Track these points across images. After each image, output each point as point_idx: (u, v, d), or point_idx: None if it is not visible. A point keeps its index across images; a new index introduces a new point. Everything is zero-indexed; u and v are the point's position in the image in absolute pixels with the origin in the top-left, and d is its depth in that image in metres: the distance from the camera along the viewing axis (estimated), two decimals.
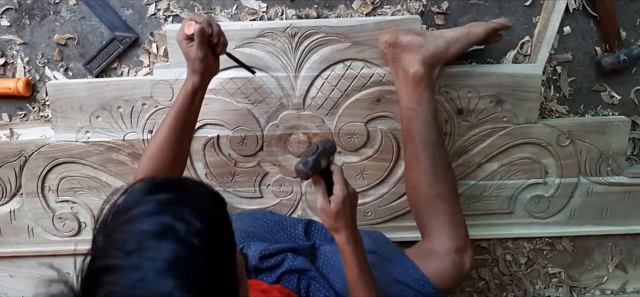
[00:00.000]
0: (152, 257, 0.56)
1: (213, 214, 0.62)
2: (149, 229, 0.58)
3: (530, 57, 1.25)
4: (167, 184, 0.63)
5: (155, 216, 0.59)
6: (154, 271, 0.55)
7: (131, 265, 0.56)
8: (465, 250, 1.10)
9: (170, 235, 0.57)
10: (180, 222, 0.58)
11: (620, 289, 1.43)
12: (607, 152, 1.26)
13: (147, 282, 0.55)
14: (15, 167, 1.26)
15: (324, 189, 0.93)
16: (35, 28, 1.24)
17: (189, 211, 0.60)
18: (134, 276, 0.55)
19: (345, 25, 1.17)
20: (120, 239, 0.58)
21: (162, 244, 0.57)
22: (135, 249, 0.57)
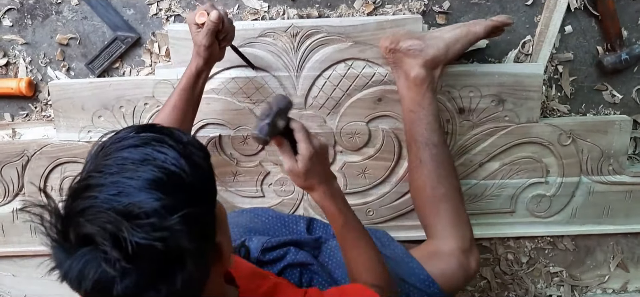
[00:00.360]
0: (131, 177, 0.58)
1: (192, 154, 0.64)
2: (131, 157, 0.60)
3: (532, 56, 1.25)
4: (153, 126, 0.66)
5: (138, 148, 0.61)
6: (132, 187, 0.58)
7: (110, 182, 0.58)
8: (471, 251, 1.10)
9: (150, 163, 0.60)
10: (160, 154, 0.61)
11: (622, 288, 1.43)
12: (608, 151, 1.26)
13: (124, 195, 0.57)
14: (18, 167, 1.26)
15: (289, 149, 0.90)
16: (38, 28, 1.25)
17: (171, 148, 0.62)
18: (112, 190, 0.57)
19: (346, 25, 1.17)
20: (103, 164, 0.61)
21: (142, 168, 0.59)
22: (116, 171, 0.59)
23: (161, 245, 0.55)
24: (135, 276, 0.56)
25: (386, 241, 1.11)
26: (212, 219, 0.67)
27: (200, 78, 1.05)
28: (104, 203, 0.57)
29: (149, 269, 0.56)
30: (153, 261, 0.56)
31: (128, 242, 0.54)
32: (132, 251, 0.54)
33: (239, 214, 1.23)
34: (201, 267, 0.62)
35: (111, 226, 0.54)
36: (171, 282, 0.58)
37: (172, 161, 0.61)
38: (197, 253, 0.60)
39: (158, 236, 0.55)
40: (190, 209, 0.59)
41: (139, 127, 0.66)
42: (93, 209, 0.56)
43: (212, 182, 0.68)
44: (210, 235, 0.66)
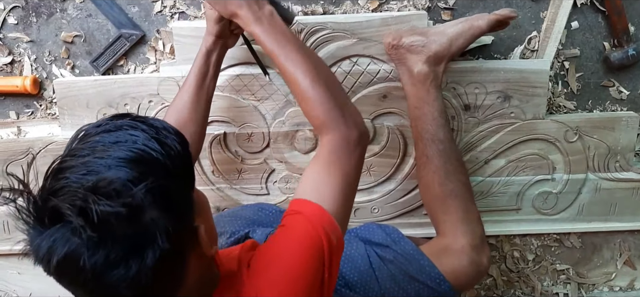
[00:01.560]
0: (102, 157, 0.60)
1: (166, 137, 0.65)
2: (103, 140, 0.62)
3: (538, 52, 1.24)
4: (128, 114, 0.67)
5: (111, 132, 0.63)
6: (103, 166, 0.59)
7: (81, 163, 0.60)
8: (482, 247, 1.09)
9: (122, 145, 0.61)
10: (132, 136, 0.62)
11: (629, 285, 1.42)
12: (615, 148, 1.26)
13: (94, 174, 0.58)
14: (23, 164, 1.27)
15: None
16: (42, 26, 1.25)
17: (144, 133, 0.63)
18: (83, 170, 0.59)
19: (351, 22, 1.16)
20: (76, 148, 0.63)
21: (113, 148, 0.61)
22: (87, 154, 0.61)
23: (125, 211, 0.56)
24: (103, 249, 0.56)
25: (396, 238, 1.11)
26: (188, 200, 0.67)
27: (210, 58, 1.04)
28: (74, 183, 0.58)
29: (117, 242, 0.57)
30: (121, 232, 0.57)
31: (93, 211, 0.55)
32: (98, 219, 0.55)
33: (242, 208, 1.23)
34: (175, 247, 0.62)
35: (80, 201, 0.55)
36: (142, 258, 0.58)
37: (143, 142, 0.62)
38: (168, 230, 0.60)
39: (122, 202, 0.56)
40: (158, 182, 0.60)
41: (116, 115, 0.67)
42: (64, 188, 0.58)
43: (188, 166, 0.68)
44: (185, 216, 0.66)
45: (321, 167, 0.82)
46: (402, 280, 1.03)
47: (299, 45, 0.89)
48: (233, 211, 1.22)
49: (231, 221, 1.14)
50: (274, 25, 0.89)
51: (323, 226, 0.75)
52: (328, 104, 0.84)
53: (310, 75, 0.85)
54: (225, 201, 1.30)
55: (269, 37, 0.87)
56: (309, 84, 0.85)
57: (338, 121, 0.84)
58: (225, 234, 1.12)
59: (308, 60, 0.87)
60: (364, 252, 1.07)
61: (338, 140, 0.84)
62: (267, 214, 1.18)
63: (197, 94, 1.04)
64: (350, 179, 0.83)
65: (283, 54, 0.86)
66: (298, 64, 0.86)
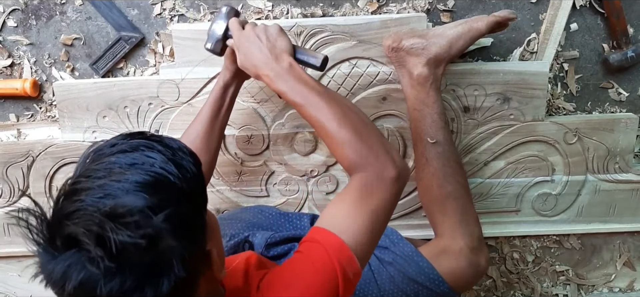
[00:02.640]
0: (119, 180, 0.59)
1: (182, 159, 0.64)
2: (118, 161, 0.61)
3: (537, 54, 1.24)
4: (143, 133, 0.67)
5: (126, 153, 0.62)
6: (120, 189, 0.58)
7: (97, 185, 0.58)
8: (480, 249, 1.09)
9: (138, 167, 0.60)
10: (149, 158, 0.62)
11: (628, 287, 1.42)
12: (614, 149, 1.26)
13: (111, 198, 0.57)
14: (23, 167, 1.27)
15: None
16: (42, 29, 1.25)
17: (159, 153, 0.63)
18: (99, 193, 0.58)
19: (350, 24, 1.16)
20: (91, 168, 0.61)
21: (129, 171, 0.60)
22: (103, 175, 0.60)
23: (145, 242, 0.55)
24: (120, 277, 0.55)
25: (395, 239, 1.11)
26: (202, 225, 0.66)
27: (227, 92, 1.04)
28: (90, 206, 0.56)
29: (134, 270, 0.56)
30: (138, 261, 0.56)
31: (112, 240, 0.53)
32: (116, 249, 0.53)
33: (242, 211, 1.23)
34: (189, 273, 0.61)
35: (96, 227, 0.54)
36: (157, 285, 0.57)
37: (160, 165, 0.61)
38: (184, 256, 0.59)
39: (141, 233, 0.55)
40: (176, 209, 0.59)
41: (130, 134, 0.66)
42: (79, 212, 0.56)
43: (202, 188, 0.67)
44: (199, 241, 0.65)
45: (349, 200, 0.79)
46: (401, 282, 1.03)
47: (323, 90, 0.87)
48: (232, 214, 1.22)
49: (231, 224, 1.14)
50: (294, 77, 0.87)
51: (340, 260, 0.73)
52: (357, 144, 0.82)
53: (336, 118, 0.83)
54: (225, 203, 1.30)
55: (292, 90, 0.86)
56: (335, 126, 0.83)
57: (369, 159, 0.82)
58: (224, 237, 1.12)
59: (333, 104, 0.85)
60: None
61: (370, 177, 0.81)
62: (266, 216, 1.18)
63: (211, 126, 1.05)
64: (380, 217, 0.80)
65: (307, 103, 0.85)
66: (323, 110, 0.84)
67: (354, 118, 0.85)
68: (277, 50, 0.89)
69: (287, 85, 0.86)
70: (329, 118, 0.83)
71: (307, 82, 0.87)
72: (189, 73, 1.19)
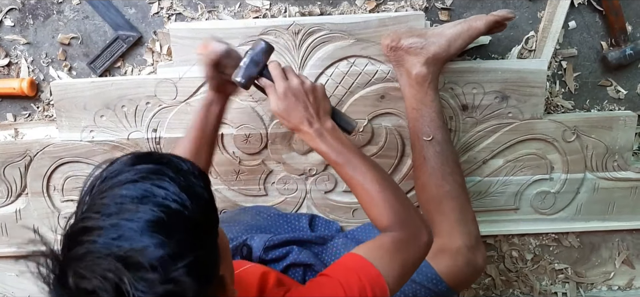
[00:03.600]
0: (131, 219, 0.56)
1: (193, 186, 0.62)
2: (129, 194, 0.58)
3: (535, 52, 1.24)
4: (150, 156, 0.64)
5: (136, 183, 0.59)
6: (132, 230, 0.56)
7: (109, 225, 0.56)
8: (477, 247, 1.09)
9: (150, 200, 0.58)
10: (160, 189, 0.59)
11: (627, 285, 1.42)
12: (613, 147, 1.26)
13: (125, 240, 0.55)
14: (21, 167, 1.27)
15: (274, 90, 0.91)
16: (39, 28, 1.24)
17: (169, 180, 0.60)
18: (112, 234, 0.56)
19: (348, 22, 1.16)
20: (101, 203, 0.59)
21: (141, 207, 0.57)
22: (114, 211, 0.57)
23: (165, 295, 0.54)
24: None
25: None
26: (216, 255, 0.65)
27: (209, 110, 1.03)
28: (103, 248, 0.55)
29: None
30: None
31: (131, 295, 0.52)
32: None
33: (240, 212, 1.23)
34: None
35: (112, 274, 0.52)
36: None
37: (173, 197, 0.59)
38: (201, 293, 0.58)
39: (162, 290, 0.54)
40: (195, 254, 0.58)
41: (136, 157, 0.63)
42: (92, 255, 0.54)
43: (214, 212, 0.66)
44: (215, 272, 0.64)
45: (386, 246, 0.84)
46: None
47: (363, 155, 0.92)
48: (231, 216, 1.22)
49: (229, 227, 1.14)
50: (336, 138, 0.91)
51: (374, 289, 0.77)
52: (398, 207, 0.87)
53: (377, 180, 0.88)
54: (223, 202, 1.30)
55: (335, 151, 0.90)
56: (377, 189, 0.87)
57: (408, 222, 0.87)
58: None
59: (374, 169, 0.90)
60: None
61: (407, 236, 0.86)
62: (265, 218, 1.18)
63: (198, 145, 1.04)
64: (408, 270, 0.85)
65: (349, 165, 0.89)
66: (365, 173, 0.88)
67: (392, 183, 0.91)
68: (321, 111, 0.92)
69: (329, 146, 0.90)
70: (371, 181, 0.88)
71: (348, 145, 0.91)
72: (186, 72, 1.19)
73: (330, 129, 0.91)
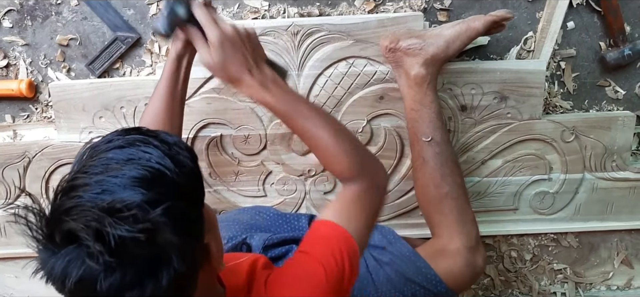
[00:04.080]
0: (116, 175, 0.59)
1: (178, 154, 0.64)
2: (115, 157, 0.61)
3: (534, 53, 1.24)
4: (140, 129, 0.67)
5: (123, 148, 0.62)
6: (117, 185, 0.58)
7: (94, 181, 0.59)
8: (477, 248, 1.09)
9: (135, 162, 0.61)
10: (145, 154, 0.62)
11: (626, 284, 1.42)
12: (612, 147, 1.26)
13: (108, 193, 0.57)
14: (19, 168, 1.26)
15: (202, 39, 0.83)
16: (38, 29, 1.24)
17: (156, 148, 0.63)
18: (97, 189, 0.58)
19: (347, 23, 1.16)
20: (88, 165, 0.61)
21: (126, 167, 0.60)
22: (100, 171, 0.60)
23: (144, 236, 0.55)
24: (120, 272, 0.56)
25: (392, 239, 1.11)
26: (200, 219, 0.67)
27: (181, 63, 0.98)
28: (88, 202, 0.57)
29: (133, 264, 0.56)
30: (137, 255, 0.56)
31: (111, 235, 0.54)
32: (115, 244, 0.54)
33: (240, 212, 1.23)
34: (188, 266, 0.61)
35: (95, 222, 0.54)
36: (157, 279, 0.58)
37: (157, 159, 0.61)
38: (183, 250, 0.59)
39: (140, 228, 0.55)
40: (174, 203, 0.60)
41: (126, 129, 0.66)
42: (77, 208, 0.57)
43: (199, 183, 0.68)
44: (197, 235, 0.65)
45: (349, 202, 0.84)
46: (398, 282, 1.03)
47: (310, 102, 0.89)
48: (230, 215, 1.22)
49: (228, 226, 1.14)
50: (280, 88, 0.86)
51: (347, 250, 0.77)
52: (354, 155, 0.85)
53: (331, 130, 0.85)
54: (222, 203, 1.30)
55: (280, 101, 0.85)
56: (332, 138, 0.84)
57: (366, 169, 0.86)
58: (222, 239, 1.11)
59: (324, 116, 0.87)
60: None
61: (367, 185, 0.85)
62: (264, 217, 1.18)
63: (170, 100, 1.00)
64: (372, 220, 0.86)
65: (299, 115, 0.85)
66: (316, 121, 0.85)
67: (346, 131, 0.89)
68: (258, 59, 0.87)
69: (275, 96, 0.84)
70: (323, 129, 0.84)
71: (293, 93, 0.88)
72: None
73: (272, 78, 0.85)
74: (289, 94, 0.87)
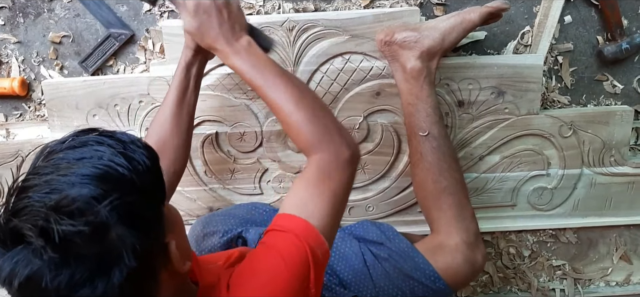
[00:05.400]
0: (65, 174, 0.58)
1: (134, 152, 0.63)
2: (67, 157, 0.60)
3: (531, 47, 1.23)
4: (94, 130, 0.65)
5: (75, 149, 0.61)
6: (66, 183, 0.57)
7: (44, 182, 0.58)
8: (476, 244, 1.08)
9: (87, 161, 0.59)
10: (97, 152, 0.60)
11: (625, 280, 1.42)
12: (610, 142, 1.25)
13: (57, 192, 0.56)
14: (13, 167, 1.25)
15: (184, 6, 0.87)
16: (30, 26, 1.23)
17: (108, 146, 0.61)
18: (46, 189, 0.57)
19: (343, 18, 1.15)
20: (40, 166, 0.61)
21: (76, 165, 0.59)
22: (50, 171, 0.59)
23: (88, 230, 0.54)
24: (67, 269, 0.55)
25: (391, 235, 1.10)
26: (157, 217, 0.65)
27: (190, 72, 1.00)
28: (36, 202, 0.56)
29: (81, 261, 0.55)
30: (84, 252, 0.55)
31: (54, 231, 0.53)
32: (59, 239, 0.53)
33: (236, 207, 1.22)
34: (143, 265, 0.60)
35: (42, 221, 0.53)
36: (108, 277, 0.56)
37: (109, 157, 0.60)
38: (135, 247, 0.58)
39: (84, 221, 0.54)
40: (124, 198, 0.58)
41: (81, 130, 0.65)
42: (26, 208, 0.56)
43: (158, 181, 0.66)
44: (153, 232, 0.64)
45: (309, 184, 0.81)
46: (396, 278, 1.02)
47: (280, 71, 0.87)
48: (226, 210, 1.21)
49: (224, 220, 1.13)
50: (252, 55, 0.88)
51: (308, 242, 0.74)
52: (314, 126, 0.83)
53: (293, 99, 0.84)
54: (218, 202, 1.28)
55: (249, 68, 0.86)
56: (292, 107, 0.84)
57: (326, 141, 0.83)
58: (218, 233, 1.11)
59: (290, 85, 0.86)
60: (358, 250, 1.06)
61: (327, 159, 0.82)
62: (260, 212, 1.17)
63: (179, 108, 1.01)
64: (340, 197, 0.82)
65: (264, 82, 0.85)
66: (280, 90, 0.85)
67: (310, 100, 0.86)
68: (236, 27, 0.89)
69: (245, 63, 0.87)
70: (286, 99, 0.84)
71: (265, 62, 0.88)
72: None
73: (246, 46, 0.88)
74: (259, 63, 0.87)
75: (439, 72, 1.17)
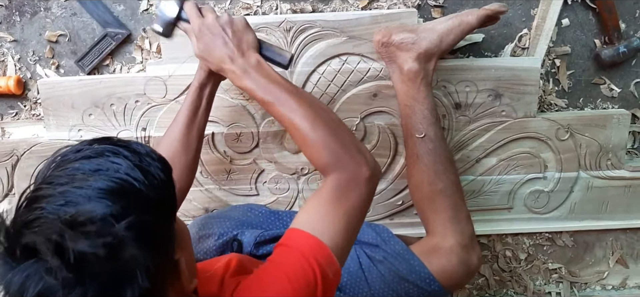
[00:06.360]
0: (81, 186, 0.56)
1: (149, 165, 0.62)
2: (82, 168, 0.59)
3: (529, 50, 1.23)
4: (110, 139, 0.64)
5: (91, 159, 0.60)
6: (82, 196, 0.56)
7: (58, 192, 0.56)
8: (471, 247, 1.08)
9: (102, 173, 0.58)
10: (113, 164, 0.59)
11: (621, 284, 1.41)
12: (607, 145, 1.25)
13: (72, 205, 0.55)
14: (7, 167, 1.24)
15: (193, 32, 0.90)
16: (26, 25, 1.22)
17: (126, 159, 0.60)
18: (60, 201, 0.55)
19: (340, 20, 1.15)
20: (53, 175, 0.59)
21: (92, 177, 0.57)
22: (65, 182, 0.57)
23: (104, 252, 0.52)
24: (80, 288, 0.53)
25: (386, 237, 1.09)
26: (169, 233, 0.64)
27: (203, 92, 1.00)
28: (50, 214, 0.54)
29: (94, 281, 0.53)
30: (98, 271, 0.53)
31: (70, 250, 0.51)
32: (74, 259, 0.51)
33: (231, 209, 1.21)
34: (155, 283, 0.58)
35: (56, 236, 0.51)
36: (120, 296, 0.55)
37: (125, 170, 0.59)
38: (149, 267, 0.56)
39: (102, 242, 0.52)
40: (140, 216, 0.57)
41: (96, 139, 0.64)
42: (39, 220, 0.54)
43: (171, 195, 0.65)
44: (166, 250, 0.63)
45: (325, 201, 0.78)
46: (391, 280, 1.02)
47: (293, 89, 0.85)
48: (222, 212, 1.21)
49: (219, 222, 1.12)
50: (261, 74, 0.85)
51: (318, 260, 0.72)
52: (332, 145, 0.81)
53: (308, 119, 0.82)
54: (214, 202, 1.28)
55: (261, 88, 0.84)
56: (309, 127, 0.81)
57: (345, 160, 0.81)
58: (213, 235, 1.10)
59: (305, 104, 0.83)
60: (353, 253, 1.06)
61: (346, 178, 0.80)
62: (256, 214, 1.17)
63: (189, 128, 1.01)
64: (355, 218, 0.79)
65: (277, 101, 0.83)
66: (295, 109, 0.82)
67: (326, 118, 0.84)
68: (243, 46, 0.88)
69: (255, 82, 0.85)
70: (301, 117, 0.82)
71: (277, 80, 0.86)
72: (176, 70, 1.17)
73: (255, 64, 0.86)
74: (270, 82, 0.85)
75: (436, 74, 1.17)
